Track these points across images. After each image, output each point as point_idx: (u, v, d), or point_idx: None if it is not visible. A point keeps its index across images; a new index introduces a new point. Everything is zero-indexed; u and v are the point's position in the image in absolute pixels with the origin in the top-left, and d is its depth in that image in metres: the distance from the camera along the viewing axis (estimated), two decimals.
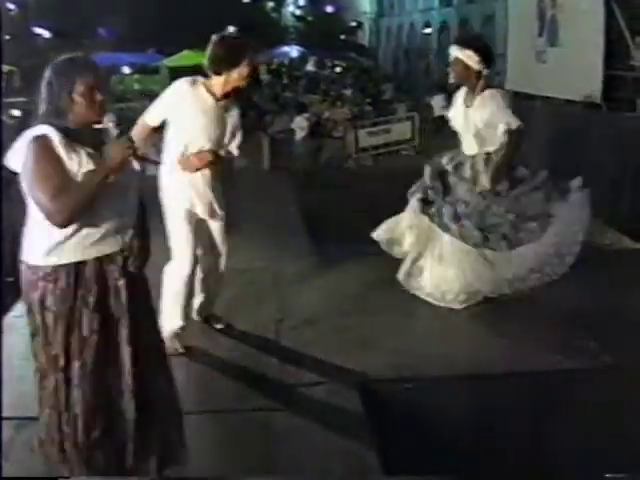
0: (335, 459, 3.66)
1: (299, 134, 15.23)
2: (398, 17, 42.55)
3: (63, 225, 2.82)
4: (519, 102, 12.74)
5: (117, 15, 37.27)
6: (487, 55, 5.47)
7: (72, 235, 2.90)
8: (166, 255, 4.76)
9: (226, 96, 4.84)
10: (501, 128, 5.35)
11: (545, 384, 4.53)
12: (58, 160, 2.84)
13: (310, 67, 34.80)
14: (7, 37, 27.84)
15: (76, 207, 2.80)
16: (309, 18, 46.96)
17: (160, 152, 4.84)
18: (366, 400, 4.24)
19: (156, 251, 3.32)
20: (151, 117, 4.74)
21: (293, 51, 39.38)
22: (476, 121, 5.44)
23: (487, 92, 5.44)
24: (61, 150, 2.85)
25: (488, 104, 5.38)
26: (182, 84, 4.79)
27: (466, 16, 31.85)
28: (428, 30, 37.02)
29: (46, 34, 37.03)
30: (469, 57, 5.39)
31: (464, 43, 5.54)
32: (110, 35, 38.16)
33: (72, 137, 2.89)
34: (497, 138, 5.42)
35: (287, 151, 14.65)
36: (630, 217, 8.35)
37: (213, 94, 4.78)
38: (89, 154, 2.91)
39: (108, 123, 3.03)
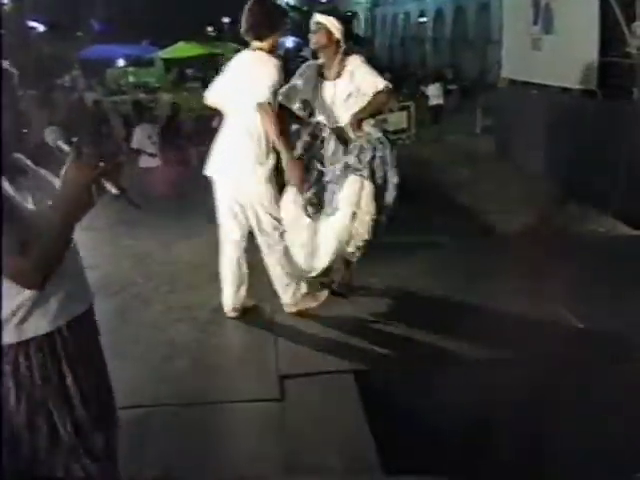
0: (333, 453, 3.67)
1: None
2: (393, 6, 42.44)
3: (39, 286, 2.18)
4: (515, 90, 12.73)
5: (111, 7, 37.14)
6: (347, 28, 5.53)
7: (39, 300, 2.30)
8: None
9: None
10: (370, 91, 5.37)
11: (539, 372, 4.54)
12: (12, 201, 2.17)
13: (306, 57, 34.68)
14: (2, 31, 27.75)
15: (52, 259, 2.15)
16: (304, 8, 46.77)
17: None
18: (362, 389, 4.24)
19: None
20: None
21: (288, 41, 39.26)
22: (347, 91, 5.42)
23: (351, 61, 5.49)
24: (9, 187, 2.20)
25: (357, 72, 5.41)
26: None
27: (461, 4, 31.77)
28: (423, 19, 36.94)
29: (40, 28, 36.88)
30: (332, 24, 5.38)
31: (327, 12, 5.54)
32: (103, 28, 38.00)
33: (16, 166, 2.30)
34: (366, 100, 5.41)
35: None
36: (625, 204, 8.35)
37: None
38: (43, 186, 2.34)
39: (57, 142, 2.18)
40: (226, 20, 37.03)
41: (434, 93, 18.94)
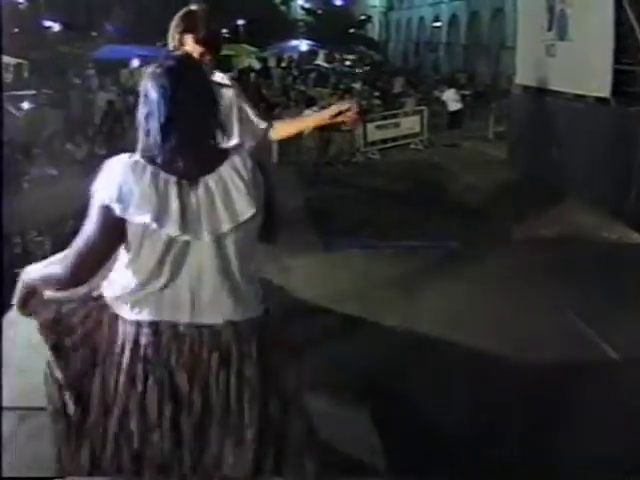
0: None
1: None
2: (407, 10, 42.44)
3: None
4: (528, 96, 12.70)
5: (125, 7, 37.27)
6: None
7: None
8: None
9: None
10: None
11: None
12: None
13: (320, 61, 34.71)
14: (16, 30, 27.86)
15: None
16: (318, 11, 46.81)
17: None
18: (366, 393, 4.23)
19: None
20: None
21: (302, 45, 39.33)
22: None
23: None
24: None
25: None
26: None
27: (476, 9, 31.74)
28: (438, 24, 36.93)
29: (56, 27, 37.04)
30: None
31: None
32: (117, 29, 38.12)
33: None
34: None
35: (295, 145, 14.62)
36: (638, 211, 8.34)
37: None
38: None
39: None
40: (240, 22, 37.13)
41: (452, 98, 18.87)
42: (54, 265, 2.29)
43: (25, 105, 16.63)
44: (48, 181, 11.38)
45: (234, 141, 2.56)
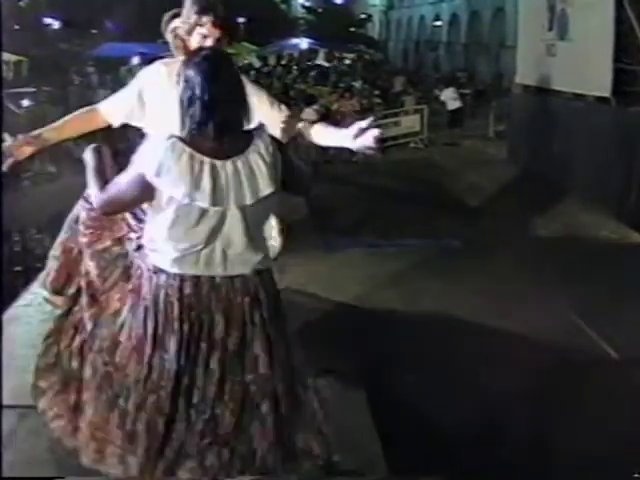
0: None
1: None
2: (408, 9, 42.39)
3: None
4: (529, 95, 12.71)
5: (126, 5, 37.21)
6: None
7: None
8: None
9: None
10: None
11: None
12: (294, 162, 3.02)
13: (320, 59, 34.66)
14: (16, 27, 27.80)
15: None
16: (319, 10, 46.73)
17: None
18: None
19: None
20: None
21: (303, 43, 39.30)
22: None
23: None
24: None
25: None
26: None
27: (476, 8, 31.71)
28: (438, 23, 36.89)
29: (56, 24, 36.94)
30: None
31: None
32: (117, 27, 38.06)
33: None
34: None
35: (295, 143, 14.59)
36: (638, 210, 8.35)
37: None
38: None
39: None
40: (241, 20, 37.09)
41: (450, 97, 18.80)
42: (96, 188, 2.75)
43: (25, 102, 16.61)
44: (47, 178, 11.38)
45: (255, 123, 2.77)
